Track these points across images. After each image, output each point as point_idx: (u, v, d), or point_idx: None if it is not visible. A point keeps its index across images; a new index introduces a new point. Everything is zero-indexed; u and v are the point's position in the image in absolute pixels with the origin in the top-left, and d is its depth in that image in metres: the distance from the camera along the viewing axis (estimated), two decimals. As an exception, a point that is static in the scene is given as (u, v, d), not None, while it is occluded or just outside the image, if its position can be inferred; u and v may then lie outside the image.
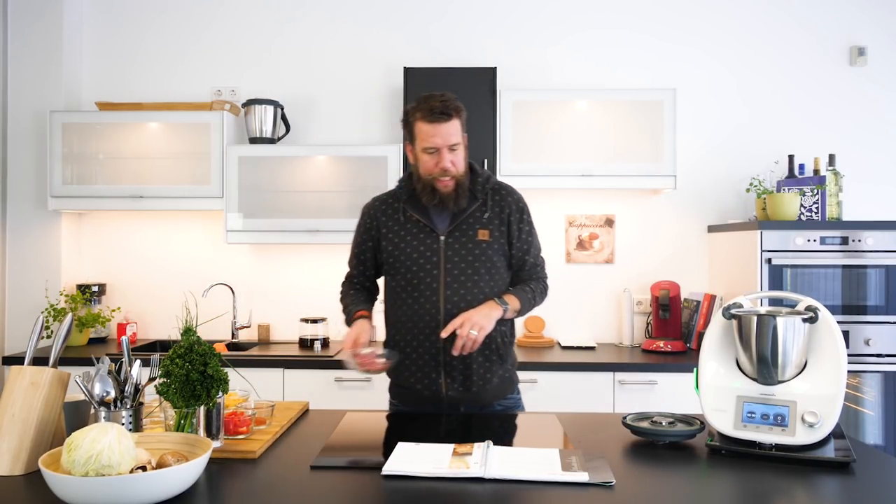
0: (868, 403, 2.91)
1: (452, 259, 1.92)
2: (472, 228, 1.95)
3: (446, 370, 1.92)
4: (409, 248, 1.95)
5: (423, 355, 1.93)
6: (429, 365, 1.93)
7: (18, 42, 3.35)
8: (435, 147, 1.88)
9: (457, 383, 1.93)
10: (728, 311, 1.60)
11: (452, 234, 1.94)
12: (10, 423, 1.40)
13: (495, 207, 1.98)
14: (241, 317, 3.43)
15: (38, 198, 3.35)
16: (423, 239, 1.95)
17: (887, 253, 2.88)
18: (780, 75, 3.45)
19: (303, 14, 3.53)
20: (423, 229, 1.96)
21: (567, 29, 3.48)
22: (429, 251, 1.93)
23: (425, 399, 1.95)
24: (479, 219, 1.96)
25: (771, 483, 1.33)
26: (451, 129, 1.87)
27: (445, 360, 1.91)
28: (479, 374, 1.93)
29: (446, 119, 1.86)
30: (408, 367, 1.96)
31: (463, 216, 1.95)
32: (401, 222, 1.98)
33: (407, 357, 1.95)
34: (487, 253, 1.94)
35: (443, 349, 1.90)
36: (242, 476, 1.38)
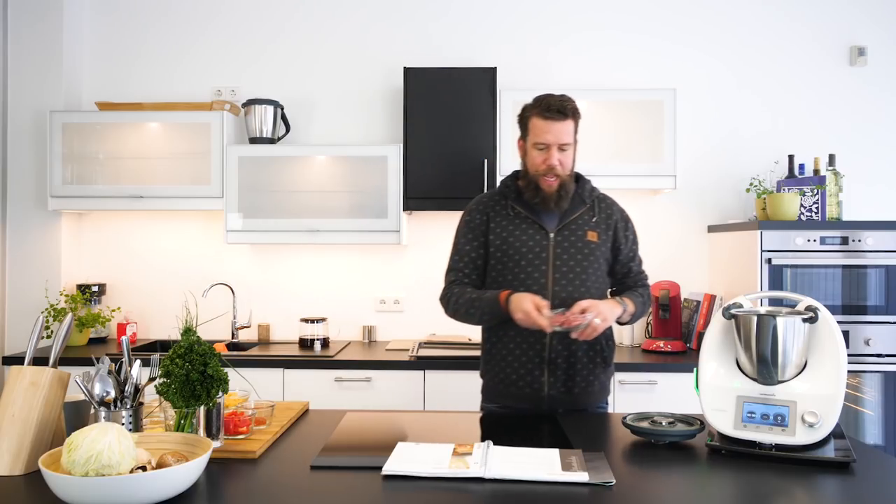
0: (868, 403, 2.91)
1: (561, 256, 1.93)
2: (580, 229, 1.98)
3: (550, 368, 1.92)
4: (517, 242, 1.96)
5: (528, 351, 1.93)
6: (532, 362, 1.92)
7: (18, 42, 3.35)
8: (545, 143, 1.92)
9: (559, 383, 1.92)
10: (728, 311, 1.60)
11: (561, 233, 1.96)
12: (10, 423, 1.40)
13: (602, 214, 2.02)
14: (241, 317, 3.43)
15: (38, 198, 3.35)
16: (531, 234, 1.96)
17: (887, 253, 2.88)
18: (780, 75, 3.45)
19: (303, 14, 3.53)
20: (532, 225, 1.97)
21: (567, 29, 3.48)
22: (538, 247, 1.94)
23: (525, 397, 1.94)
24: (588, 221, 1.99)
25: (771, 483, 1.33)
26: (563, 128, 1.91)
27: (550, 357, 1.91)
28: (583, 376, 1.94)
29: (561, 118, 1.90)
30: (510, 364, 1.95)
31: (571, 217, 1.98)
32: (510, 217, 2.00)
33: (509, 353, 1.95)
34: (595, 254, 1.96)
35: (548, 346, 1.91)
36: (242, 476, 1.38)
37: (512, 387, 1.96)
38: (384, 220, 3.14)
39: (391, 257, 3.49)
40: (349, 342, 3.37)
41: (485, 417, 1.92)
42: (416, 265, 3.48)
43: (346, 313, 3.46)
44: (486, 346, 2.04)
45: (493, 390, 2.03)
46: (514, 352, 1.95)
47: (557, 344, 1.91)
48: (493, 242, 1.99)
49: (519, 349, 1.94)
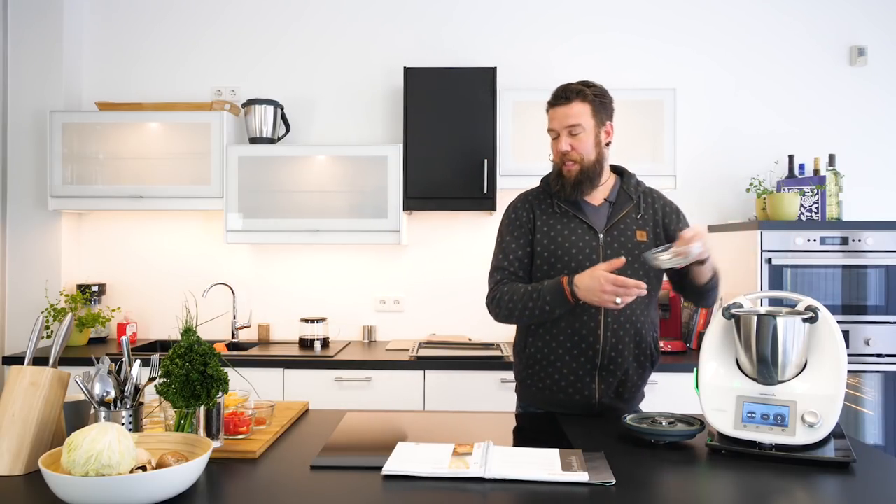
0: (868, 403, 2.91)
1: (611, 258, 1.82)
2: (629, 228, 1.90)
3: (601, 375, 1.87)
4: (567, 242, 1.88)
5: (579, 357, 1.86)
6: (584, 368, 1.86)
7: (18, 42, 3.35)
8: (554, 130, 1.90)
9: (611, 389, 1.88)
10: (728, 311, 1.60)
11: (610, 233, 1.88)
12: (10, 423, 1.40)
13: (649, 210, 1.94)
14: (241, 317, 3.43)
15: (38, 198, 3.35)
16: (581, 235, 1.88)
17: (887, 253, 2.88)
18: (780, 75, 3.45)
19: (303, 14, 3.53)
20: (580, 225, 1.90)
21: (567, 29, 3.48)
22: (588, 248, 1.87)
23: (574, 404, 1.89)
24: (636, 219, 1.92)
25: (771, 483, 1.33)
26: (568, 111, 1.86)
27: (602, 363, 1.86)
28: (633, 381, 1.91)
29: (564, 102, 1.87)
30: (559, 370, 1.88)
31: (619, 215, 1.91)
32: (557, 216, 1.92)
33: (558, 359, 1.88)
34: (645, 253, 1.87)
35: (600, 352, 1.85)
36: (242, 476, 1.38)
37: (560, 393, 1.89)
38: (384, 220, 3.14)
39: (391, 257, 3.49)
40: (349, 342, 3.37)
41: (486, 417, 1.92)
42: (416, 265, 3.49)
43: (346, 313, 3.46)
44: (530, 350, 1.94)
45: (538, 395, 1.95)
46: (564, 357, 1.87)
47: (611, 350, 1.85)
48: (541, 241, 1.91)
49: (569, 355, 1.86)
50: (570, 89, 1.88)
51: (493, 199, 3.12)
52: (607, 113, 1.94)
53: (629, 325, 1.88)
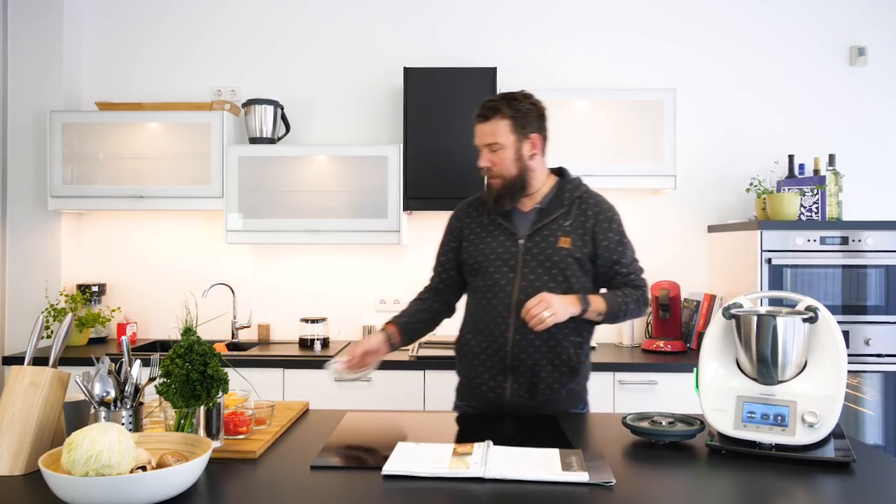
0: (868, 403, 2.91)
1: (530, 263, 1.90)
2: (553, 234, 1.92)
3: (513, 375, 1.91)
4: (487, 248, 1.95)
5: (492, 357, 1.92)
6: (496, 367, 1.92)
7: (18, 42, 3.35)
8: (477, 145, 1.95)
9: (522, 389, 1.91)
10: (728, 311, 1.60)
11: (532, 239, 1.92)
12: (10, 423, 1.40)
13: (580, 217, 1.94)
14: (241, 317, 3.43)
15: (38, 198, 3.35)
16: (502, 241, 1.94)
17: (887, 253, 2.88)
18: (780, 75, 3.45)
19: (303, 14, 3.53)
20: (503, 232, 1.95)
21: (567, 29, 3.48)
22: (506, 254, 1.92)
23: (488, 400, 1.94)
24: (562, 226, 1.93)
25: (771, 483, 1.33)
26: (487, 129, 1.91)
27: (512, 364, 1.90)
28: (547, 384, 1.91)
29: (483, 119, 1.92)
30: (475, 368, 1.96)
31: (545, 221, 1.93)
32: (483, 224, 2.00)
33: (475, 357, 1.95)
34: (567, 260, 1.90)
35: (510, 353, 1.89)
36: (242, 476, 1.38)
37: (477, 389, 1.97)
38: (384, 220, 3.14)
39: (391, 257, 3.49)
40: (349, 342, 3.37)
41: (486, 417, 1.92)
42: (416, 265, 3.48)
43: (346, 313, 3.46)
44: (457, 345, 2.05)
45: (462, 389, 2.05)
46: (480, 356, 1.94)
47: (520, 352, 1.89)
48: (466, 249, 2.00)
49: (484, 354, 1.93)
50: (488, 106, 1.91)
51: (493, 199, 3.11)
52: (532, 125, 1.93)
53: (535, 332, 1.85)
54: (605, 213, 1.96)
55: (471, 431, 1.77)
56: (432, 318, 2.10)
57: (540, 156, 1.97)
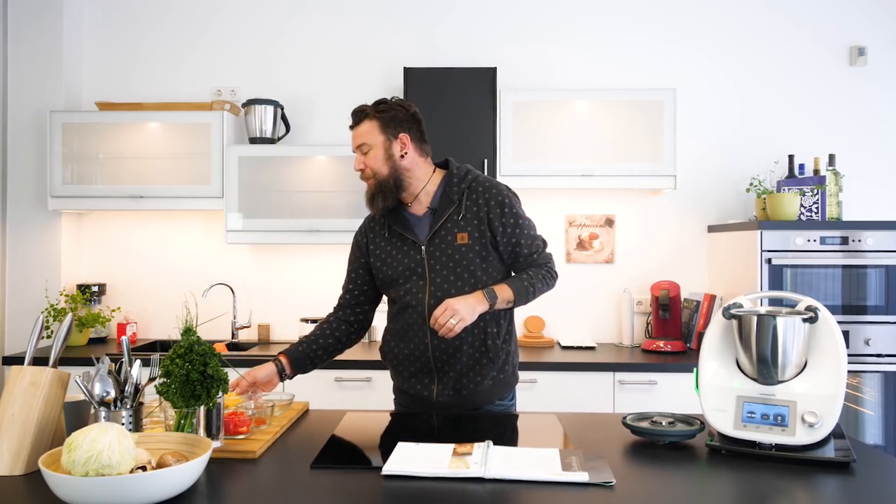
0: (868, 403, 2.91)
1: (434, 268, 1.90)
2: (450, 233, 1.91)
3: (438, 376, 1.93)
4: (394, 262, 1.96)
5: (415, 362, 1.94)
6: (421, 371, 1.95)
7: (18, 42, 3.35)
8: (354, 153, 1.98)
9: (448, 388, 1.93)
10: (728, 311, 1.60)
11: (432, 243, 1.91)
12: (10, 423, 1.40)
13: (472, 207, 1.92)
14: (241, 317, 3.43)
15: (38, 198, 3.35)
16: (406, 251, 1.95)
17: (887, 253, 2.88)
18: (780, 75, 3.45)
19: (303, 14, 3.53)
20: (405, 241, 1.95)
21: (567, 29, 3.48)
22: (413, 262, 1.93)
23: (416, 402, 1.98)
24: (457, 222, 1.92)
25: (771, 483, 1.33)
26: (357, 132, 1.94)
27: (436, 366, 1.92)
28: (469, 378, 1.92)
29: (354, 125, 1.96)
30: (401, 373, 1.99)
31: (440, 222, 1.92)
32: (386, 237, 2.00)
33: (400, 363, 1.98)
34: (469, 256, 1.89)
35: (433, 357, 1.91)
36: (242, 476, 1.38)
37: (404, 394, 2.01)
38: (384, 220, 3.13)
39: (391, 257, 3.48)
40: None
41: (486, 417, 1.92)
42: (416, 265, 3.48)
43: (346, 313, 3.46)
44: (383, 350, 2.04)
45: (396, 391, 2.07)
46: (404, 362, 1.96)
47: (442, 355, 1.90)
48: (374, 264, 2.00)
49: (408, 360, 1.95)
50: (356, 111, 1.96)
51: (493, 199, 3.11)
52: (400, 126, 1.93)
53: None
54: (495, 199, 1.93)
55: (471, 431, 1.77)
56: (338, 342, 2.04)
57: (415, 155, 1.94)
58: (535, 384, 2.84)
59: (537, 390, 2.83)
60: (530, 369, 2.84)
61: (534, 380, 2.84)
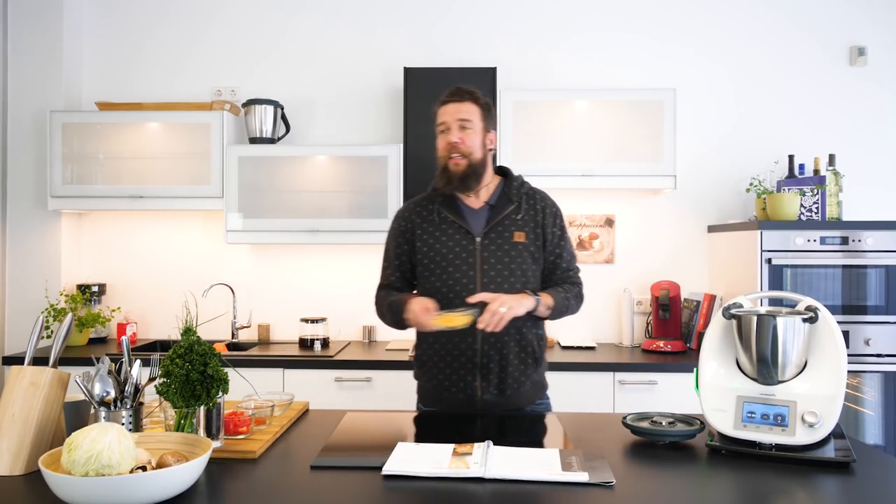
0: (868, 403, 2.91)
1: (489, 260, 1.91)
2: (507, 230, 1.95)
3: (482, 373, 1.91)
4: (444, 248, 1.94)
5: (459, 357, 1.91)
6: (465, 367, 1.91)
7: (18, 42, 3.35)
8: (444, 123, 1.94)
9: (492, 386, 1.91)
10: (728, 311, 1.60)
11: (488, 236, 1.93)
12: (10, 423, 1.40)
13: (530, 211, 1.99)
14: (241, 317, 3.43)
15: (38, 198, 3.35)
16: (458, 240, 1.94)
17: (887, 253, 2.88)
18: (779, 75, 3.45)
19: (303, 14, 3.53)
20: (458, 230, 1.95)
21: (567, 29, 3.48)
22: (464, 252, 1.92)
23: (459, 402, 1.93)
24: (515, 220, 1.96)
25: (771, 483, 1.33)
26: (460, 107, 1.93)
27: (482, 362, 1.90)
28: (514, 378, 1.92)
29: (457, 100, 1.94)
30: (442, 371, 1.94)
31: (498, 217, 1.95)
32: (435, 223, 1.98)
33: (441, 359, 1.94)
34: (523, 255, 1.93)
35: (479, 352, 1.89)
36: (242, 476, 1.38)
37: (445, 392, 1.95)
38: (384, 220, 3.13)
39: (391, 257, 3.48)
40: (349, 342, 3.37)
41: (486, 418, 1.92)
42: (416, 265, 3.48)
43: (346, 313, 3.46)
44: (418, 351, 2.03)
45: (428, 394, 2.02)
46: (446, 358, 1.93)
47: (489, 349, 1.89)
48: (421, 249, 1.97)
49: (450, 355, 1.92)
50: (463, 90, 1.97)
51: (493, 199, 3.12)
52: (493, 122, 2.02)
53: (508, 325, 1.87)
54: (550, 208, 2.03)
55: (471, 431, 1.77)
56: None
57: (494, 152, 2.04)
58: (535, 384, 2.84)
59: (537, 390, 2.83)
60: (530, 369, 2.84)
61: (534, 380, 2.84)
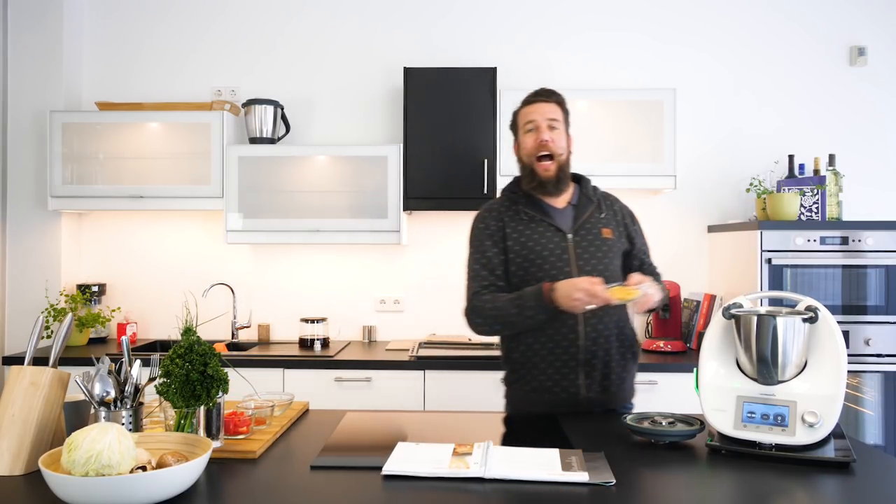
0: (868, 403, 2.91)
1: (583, 256, 1.92)
2: (595, 227, 1.98)
3: (585, 370, 1.89)
4: (538, 246, 1.93)
5: (562, 356, 1.89)
6: (567, 366, 1.89)
7: (18, 42, 3.35)
8: (533, 122, 1.96)
9: (595, 383, 1.90)
10: (728, 311, 1.60)
11: (578, 234, 1.95)
12: (10, 423, 1.40)
13: (609, 211, 2.04)
14: (241, 317, 3.43)
15: (38, 198, 3.35)
16: (550, 237, 1.94)
17: (887, 253, 2.88)
18: (779, 75, 3.45)
19: (303, 14, 3.53)
20: (549, 228, 1.95)
21: (567, 29, 3.48)
22: (558, 249, 1.92)
23: (561, 402, 1.90)
24: (600, 218, 2.00)
25: (771, 483, 1.33)
26: (549, 107, 1.97)
27: (585, 358, 1.89)
28: (617, 374, 1.93)
29: (545, 99, 1.98)
30: (543, 371, 1.91)
31: (584, 216, 1.98)
32: (524, 222, 1.97)
33: (542, 360, 1.91)
34: (613, 249, 1.97)
35: (582, 348, 1.88)
36: (242, 476, 1.38)
37: (546, 393, 1.91)
38: (384, 220, 3.14)
39: (391, 257, 3.49)
40: (349, 342, 3.37)
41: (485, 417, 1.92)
42: (416, 265, 3.48)
43: (346, 313, 3.46)
44: (514, 354, 1.97)
45: (526, 398, 1.96)
46: (548, 358, 1.90)
47: (591, 345, 1.88)
48: (513, 248, 1.94)
49: (552, 355, 1.89)
50: (549, 91, 2.01)
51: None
52: (569, 125, 2.06)
53: (607, 318, 1.92)
54: (626, 209, 2.10)
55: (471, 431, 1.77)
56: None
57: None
58: (535, 384, 2.84)
59: (537, 390, 2.83)
60: (530, 369, 2.84)
61: (534, 380, 2.84)
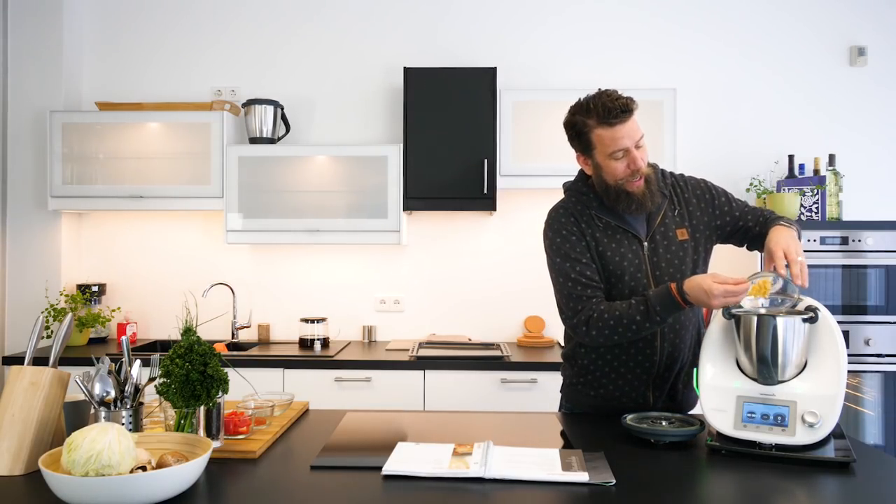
0: (868, 403, 2.91)
1: (659, 265, 1.80)
2: (669, 230, 1.83)
3: (655, 384, 1.85)
4: (616, 255, 1.80)
5: (634, 369, 1.83)
6: (639, 379, 1.84)
7: (18, 42, 3.35)
8: (623, 149, 1.72)
9: (664, 395, 1.87)
10: (728, 311, 1.60)
11: (653, 239, 1.82)
12: (10, 423, 1.40)
13: (681, 202, 1.86)
14: (241, 317, 3.43)
15: (38, 198, 3.35)
16: (628, 245, 1.81)
17: (887, 253, 2.88)
18: (780, 75, 3.45)
19: (303, 14, 3.53)
20: (626, 235, 1.81)
21: (567, 30, 3.48)
22: (636, 258, 1.80)
23: (627, 410, 1.84)
24: (674, 217, 1.84)
25: (771, 483, 1.33)
26: (633, 126, 1.72)
27: (658, 371, 1.83)
28: (684, 382, 1.89)
29: (627, 117, 1.71)
30: (613, 381, 1.85)
31: (658, 218, 1.83)
32: (601, 229, 1.83)
33: (613, 370, 1.85)
34: (689, 252, 1.83)
35: (658, 363, 1.81)
36: (242, 476, 1.38)
37: (613, 402, 1.87)
38: (384, 220, 3.14)
39: (391, 257, 3.49)
40: (349, 342, 3.37)
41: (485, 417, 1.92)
42: (416, 265, 3.49)
43: (346, 313, 3.46)
44: (583, 360, 1.89)
45: (589, 402, 1.91)
46: (619, 369, 1.84)
47: (667, 359, 1.82)
48: (596, 259, 1.82)
49: (624, 367, 1.83)
50: (626, 101, 1.71)
51: (492, 200, 3.12)
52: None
53: (684, 332, 1.85)
54: (700, 187, 1.89)
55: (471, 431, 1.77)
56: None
57: None
58: (535, 384, 2.84)
59: (537, 390, 2.83)
60: (530, 369, 2.84)
61: (534, 380, 2.84)
